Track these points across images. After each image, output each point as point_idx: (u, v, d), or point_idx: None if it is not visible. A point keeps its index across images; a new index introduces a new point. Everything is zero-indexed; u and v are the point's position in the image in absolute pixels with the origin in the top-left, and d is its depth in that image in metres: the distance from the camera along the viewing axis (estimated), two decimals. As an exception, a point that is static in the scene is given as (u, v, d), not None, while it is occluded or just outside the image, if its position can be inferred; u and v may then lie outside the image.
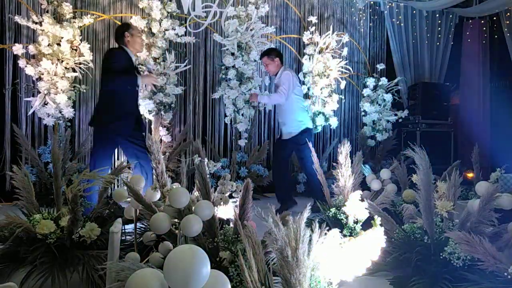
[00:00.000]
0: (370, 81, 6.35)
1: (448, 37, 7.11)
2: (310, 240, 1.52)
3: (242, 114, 5.43)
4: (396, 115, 6.34)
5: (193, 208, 1.92)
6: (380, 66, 6.49)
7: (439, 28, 7.03)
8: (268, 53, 4.46)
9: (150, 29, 5.03)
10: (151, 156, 2.66)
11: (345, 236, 2.67)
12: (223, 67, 5.49)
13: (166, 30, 5.08)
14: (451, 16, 7.08)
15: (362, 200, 2.84)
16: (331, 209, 3.16)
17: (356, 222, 2.90)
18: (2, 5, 4.72)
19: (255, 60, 5.47)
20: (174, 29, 5.13)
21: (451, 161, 5.94)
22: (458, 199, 2.61)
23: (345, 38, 6.03)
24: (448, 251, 2.22)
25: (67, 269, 2.18)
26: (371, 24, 6.83)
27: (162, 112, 5.13)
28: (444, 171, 3.33)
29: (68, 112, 4.70)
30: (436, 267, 2.26)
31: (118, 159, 5.27)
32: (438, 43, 7.04)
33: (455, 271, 2.20)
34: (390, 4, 6.65)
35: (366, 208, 2.76)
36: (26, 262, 2.18)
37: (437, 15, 6.97)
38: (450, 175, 2.60)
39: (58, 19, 4.69)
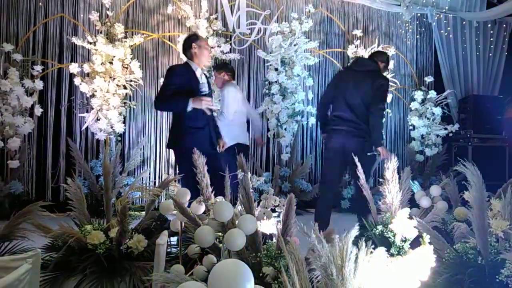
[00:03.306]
0: (418, 94, 6.17)
1: (502, 47, 6.78)
2: (356, 259, 1.48)
3: (285, 129, 5.44)
4: (446, 129, 6.10)
5: (237, 222, 1.93)
6: (428, 79, 6.30)
7: (491, 39, 6.71)
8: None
9: (196, 46, 5.18)
10: (196, 170, 2.69)
11: (392, 255, 2.58)
12: (266, 82, 5.54)
13: (212, 47, 5.21)
14: (504, 25, 6.76)
15: (410, 218, 2.74)
16: (377, 227, 3.07)
17: (404, 241, 2.79)
18: (61, 27, 5.05)
19: (298, 75, 5.49)
20: (220, 46, 5.26)
21: (506, 178, 5.61)
22: (515, 218, 2.45)
23: (391, 51, 5.92)
24: (505, 273, 2.08)
25: (115, 279, 2.25)
26: (418, 36, 6.65)
27: (207, 127, 5.22)
28: (499, 188, 3.15)
29: (119, 127, 4.91)
30: (491, 291, 2.13)
31: (167, 172, 5.41)
32: (490, 54, 6.72)
33: (513, 296, 2.06)
34: (438, 15, 6.46)
35: (414, 227, 2.65)
36: (77, 271, 2.26)
37: (489, 25, 6.67)
38: (505, 193, 2.45)
39: (111, 39, 4.94)
